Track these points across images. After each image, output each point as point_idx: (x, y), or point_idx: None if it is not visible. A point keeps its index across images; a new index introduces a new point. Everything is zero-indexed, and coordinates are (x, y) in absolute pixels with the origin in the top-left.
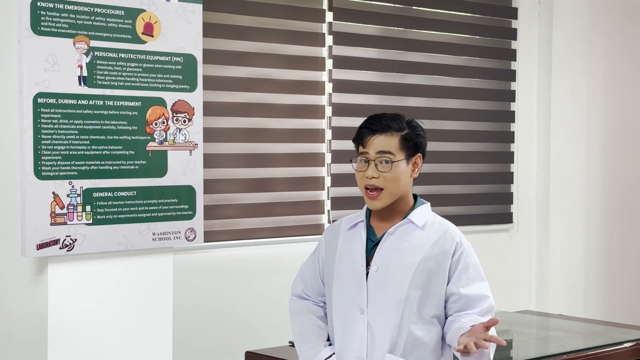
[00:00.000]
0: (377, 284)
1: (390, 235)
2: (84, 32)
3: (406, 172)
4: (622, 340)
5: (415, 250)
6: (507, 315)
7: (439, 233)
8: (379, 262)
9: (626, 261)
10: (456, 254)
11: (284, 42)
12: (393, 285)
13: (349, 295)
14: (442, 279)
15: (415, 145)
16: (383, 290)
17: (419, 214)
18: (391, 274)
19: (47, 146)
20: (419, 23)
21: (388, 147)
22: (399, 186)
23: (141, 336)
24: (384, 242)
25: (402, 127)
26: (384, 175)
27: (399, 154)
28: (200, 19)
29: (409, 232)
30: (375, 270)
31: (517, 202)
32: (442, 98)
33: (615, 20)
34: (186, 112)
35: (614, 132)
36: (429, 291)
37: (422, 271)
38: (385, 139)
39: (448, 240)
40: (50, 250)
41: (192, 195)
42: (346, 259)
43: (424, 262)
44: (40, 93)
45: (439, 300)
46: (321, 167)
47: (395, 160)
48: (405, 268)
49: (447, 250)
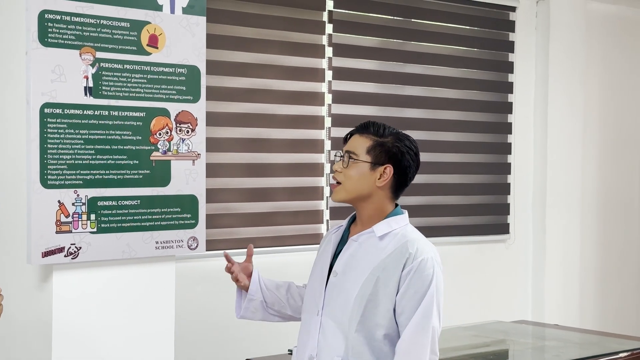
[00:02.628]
0: (333, 289)
1: (353, 243)
2: (90, 44)
3: (367, 176)
4: (617, 350)
5: (369, 259)
6: (503, 325)
7: (397, 244)
8: (338, 268)
9: (622, 272)
10: (407, 266)
11: (284, 54)
12: (344, 292)
13: (313, 296)
14: (390, 292)
15: (388, 154)
16: (336, 296)
17: (386, 224)
18: (344, 281)
19: (53, 155)
20: (417, 35)
21: (354, 147)
22: (355, 187)
23: (144, 343)
24: (347, 248)
25: (382, 134)
26: (344, 172)
27: (364, 156)
28: (204, 31)
29: (369, 241)
30: (334, 276)
31: (514, 213)
32: (440, 109)
33: (612, 32)
34: (189, 123)
35: (610, 143)
36: (375, 301)
37: (370, 280)
38: (358, 139)
39: (402, 252)
40: (56, 258)
41: (194, 204)
42: (318, 261)
43: (374, 272)
44: (46, 103)
45: (387, 313)
46: (320, 177)
47: (355, 160)
48: (357, 276)
49: (398, 261)
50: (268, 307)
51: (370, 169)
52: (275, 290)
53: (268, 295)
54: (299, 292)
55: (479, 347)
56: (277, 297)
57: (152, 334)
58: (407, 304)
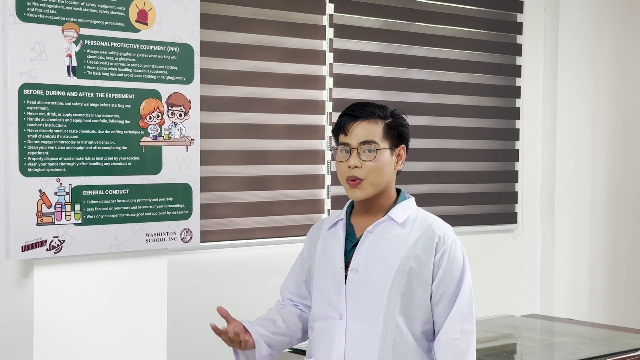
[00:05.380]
0: (356, 288)
1: (369, 234)
2: (74, 19)
3: (390, 163)
4: (637, 347)
5: (395, 249)
6: (513, 319)
7: (421, 229)
8: (358, 264)
9: (633, 262)
10: (438, 251)
11: (283, 35)
12: (373, 290)
13: (328, 300)
14: (426, 280)
15: (399, 134)
16: (362, 295)
17: (400, 209)
18: (370, 277)
19: (33, 141)
20: (422, 16)
21: (371, 135)
22: (382, 177)
23: (134, 343)
24: (362, 242)
25: (386, 115)
26: (366, 165)
27: (383, 143)
28: (197, 7)
29: (389, 230)
30: (354, 274)
31: (522, 201)
32: (445, 94)
33: (623, 14)
34: (182, 106)
35: (620, 129)
36: (411, 294)
37: (402, 272)
38: (368, 126)
39: (430, 236)
40: (37, 252)
41: (188, 193)
42: (325, 261)
43: (404, 262)
44: (26, 84)
45: (423, 304)
46: (321, 164)
47: (380, 149)
48: (385, 270)
49: (429, 246)
50: (274, 351)
51: (391, 155)
52: (273, 329)
53: (274, 340)
54: (292, 313)
55: (490, 342)
56: (280, 335)
57: (143, 333)
58: (445, 291)
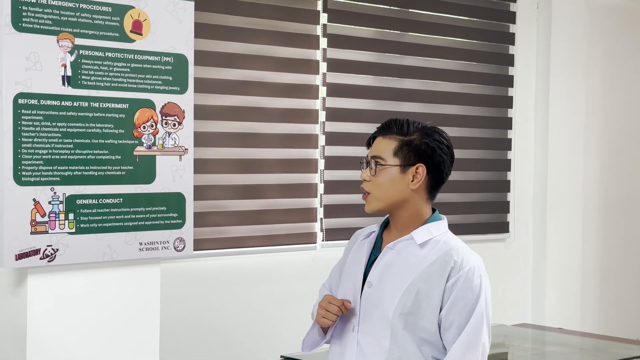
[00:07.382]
0: (369, 302)
1: (389, 250)
2: (69, 29)
3: (399, 181)
4: (628, 356)
5: (410, 269)
6: (505, 329)
7: (438, 253)
8: (373, 278)
9: (624, 272)
10: (452, 277)
11: (276, 44)
12: (382, 305)
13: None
14: (434, 304)
15: (418, 153)
16: (373, 310)
17: (426, 230)
18: (382, 293)
19: (27, 150)
20: (415, 26)
21: (380, 151)
22: (387, 194)
23: (126, 352)
24: (382, 257)
25: (407, 132)
26: (373, 180)
27: (392, 160)
28: (191, 18)
29: (408, 249)
30: (369, 287)
31: (514, 211)
32: (438, 103)
33: (614, 25)
34: (176, 115)
35: (612, 139)
36: (419, 315)
37: (410, 292)
38: (381, 141)
39: (446, 260)
40: (30, 261)
41: (181, 202)
42: (350, 271)
43: (415, 283)
44: (20, 93)
45: (431, 327)
46: (314, 173)
47: (383, 165)
48: (395, 288)
49: (442, 271)
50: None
51: (401, 172)
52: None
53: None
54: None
55: None
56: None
57: (136, 342)
58: (455, 318)
